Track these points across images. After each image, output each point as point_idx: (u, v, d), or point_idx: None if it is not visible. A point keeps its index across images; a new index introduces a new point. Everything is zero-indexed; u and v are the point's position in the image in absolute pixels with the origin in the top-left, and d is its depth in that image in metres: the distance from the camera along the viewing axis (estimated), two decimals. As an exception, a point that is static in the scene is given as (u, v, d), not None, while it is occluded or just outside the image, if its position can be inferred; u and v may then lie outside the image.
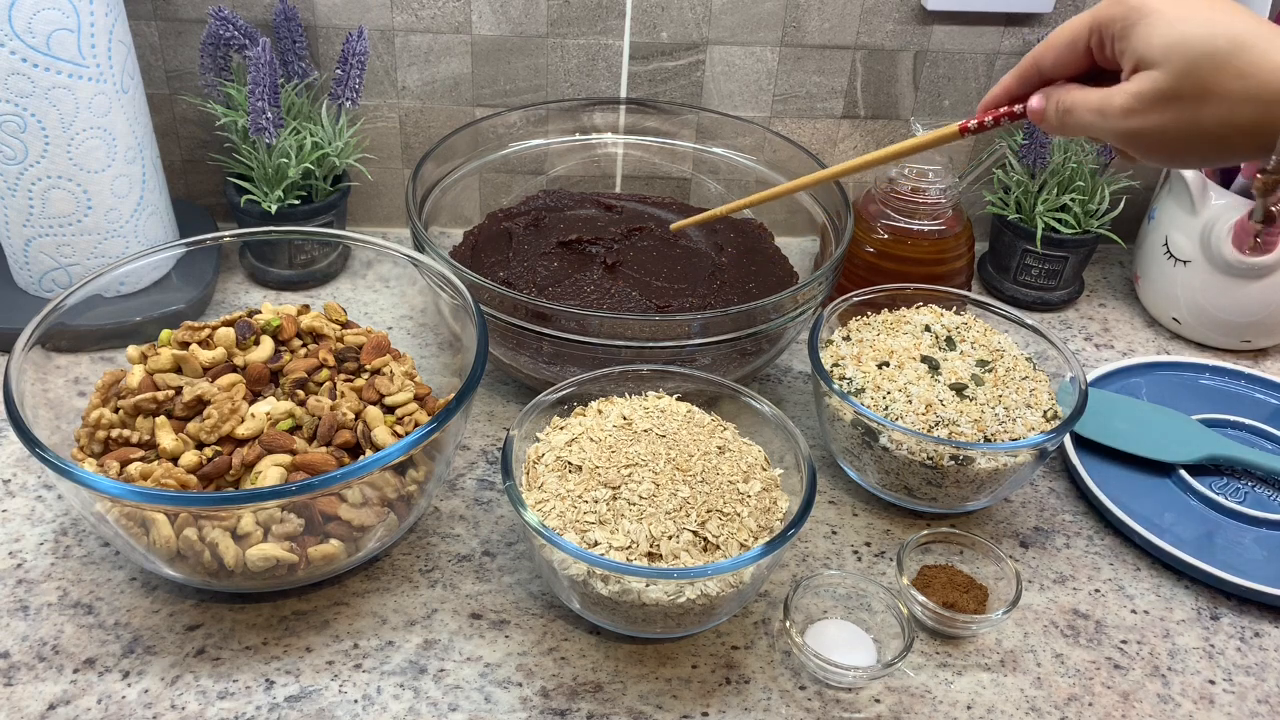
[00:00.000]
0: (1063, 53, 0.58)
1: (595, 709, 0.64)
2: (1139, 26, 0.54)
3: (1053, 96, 0.59)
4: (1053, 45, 0.58)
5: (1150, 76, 0.54)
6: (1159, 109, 0.54)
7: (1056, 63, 0.59)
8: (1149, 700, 0.67)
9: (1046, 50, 0.59)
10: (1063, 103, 0.58)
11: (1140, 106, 0.54)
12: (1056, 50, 0.58)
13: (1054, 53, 0.58)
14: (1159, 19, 0.53)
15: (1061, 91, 0.59)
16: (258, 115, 0.89)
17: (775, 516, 0.67)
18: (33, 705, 0.62)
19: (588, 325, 0.76)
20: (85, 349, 0.79)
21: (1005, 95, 0.62)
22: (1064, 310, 1.04)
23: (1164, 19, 0.53)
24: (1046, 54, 0.59)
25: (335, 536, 0.65)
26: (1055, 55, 0.58)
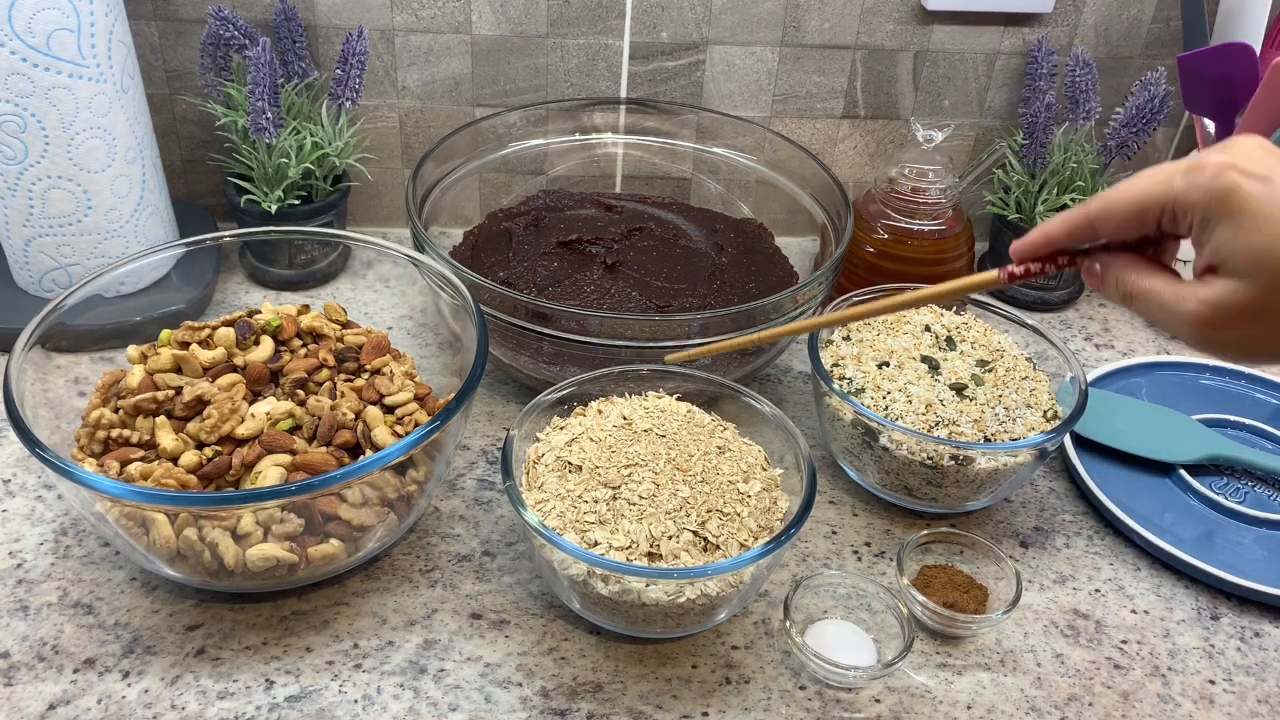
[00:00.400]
0: (1126, 223, 0.51)
1: (595, 709, 0.64)
2: (1224, 226, 0.47)
3: (1113, 271, 0.53)
4: (1115, 212, 0.51)
5: (1231, 288, 0.47)
6: (1239, 323, 0.48)
7: (1117, 230, 0.52)
8: (1149, 700, 0.67)
9: (1107, 214, 0.51)
10: (1127, 285, 0.52)
11: (1218, 319, 0.48)
12: (1119, 219, 0.51)
13: (1116, 221, 0.51)
14: (1248, 221, 0.46)
15: (1125, 270, 0.52)
16: (258, 115, 0.89)
17: (775, 516, 0.67)
18: (33, 705, 0.62)
19: (588, 325, 0.76)
20: (85, 349, 0.79)
21: (1046, 244, 0.55)
22: (1064, 310, 1.04)
23: (1253, 222, 0.46)
24: (1106, 219, 0.51)
25: (335, 536, 0.65)
26: (1117, 224, 0.51)
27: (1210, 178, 0.47)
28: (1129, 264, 0.52)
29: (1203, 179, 0.47)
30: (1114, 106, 1.02)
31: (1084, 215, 0.52)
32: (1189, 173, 0.48)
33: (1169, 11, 1.00)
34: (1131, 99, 0.95)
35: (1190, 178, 0.48)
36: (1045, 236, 0.54)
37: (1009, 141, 1.01)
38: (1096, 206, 0.52)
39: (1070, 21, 1.00)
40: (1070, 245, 0.54)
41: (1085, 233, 0.53)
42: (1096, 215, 0.52)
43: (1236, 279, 0.47)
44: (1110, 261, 0.53)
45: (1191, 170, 0.48)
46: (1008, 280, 0.56)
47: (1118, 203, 0.51)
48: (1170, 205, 0.49)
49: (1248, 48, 0.88)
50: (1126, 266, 0.52)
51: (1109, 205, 0.51)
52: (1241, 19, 0.94)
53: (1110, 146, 0.96)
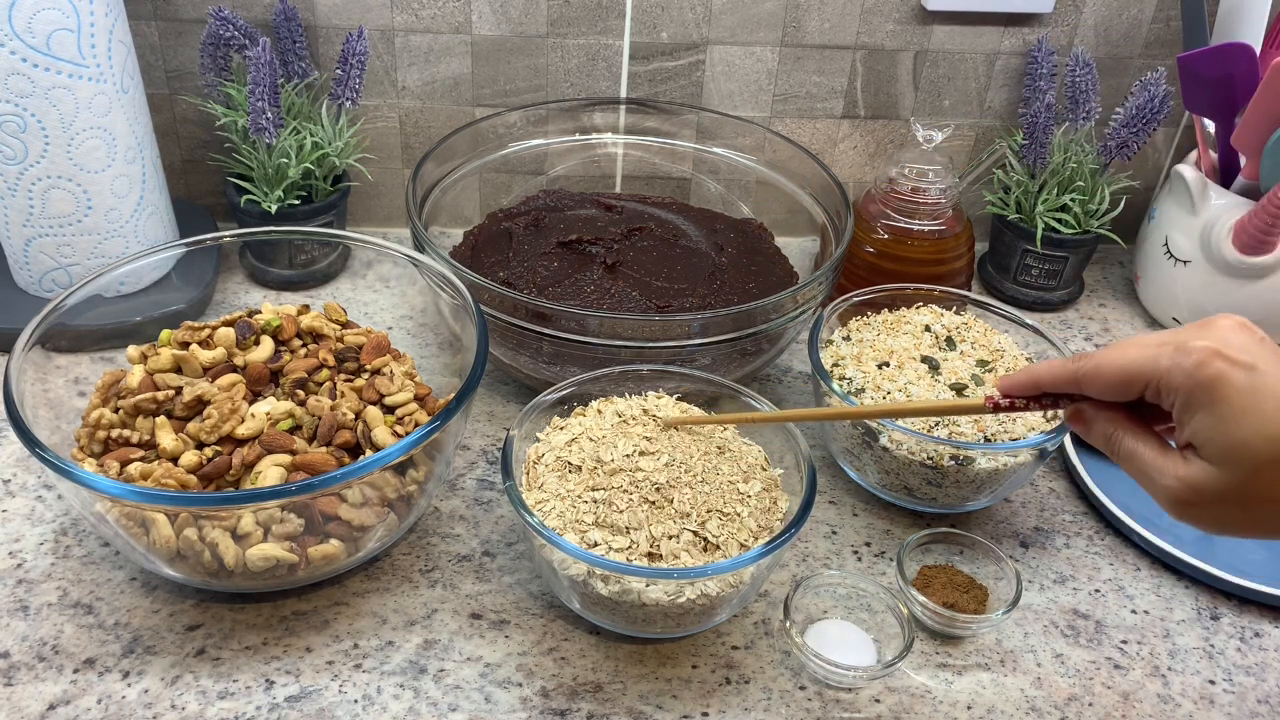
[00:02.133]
0: (1111, 389, 0.52)
1: (595, 709, 0.64)
2: (1205, 413, 0.48)
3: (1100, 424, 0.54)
4: (1101, 377, 0.52)
5: (1208, 472, 0.48)
6: (1213, 505, 0.49)
7: (1100, 394, 0.53)
8: (1149, 700, 0.67)
9: (1093, 378, 0.52)
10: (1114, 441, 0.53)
11: (1193, 499, 0.49)
12: (1104, 384, 0.52)
13: (1100, 385, 0.52)
14: (1228, 412, 0.47)
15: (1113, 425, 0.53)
16: (258, 115, 0.89)
17: (775, 516, 0.67)
18: (33, 705, 0.62)
19: (588, 325, 0.76)
20: (85, 349, 0.79)
21: (1032, 387, 0.55)
22: (1064, 310, 1.04)
23: (1233, 413, 0.47)
24: (1092, 382, 0.52)
25: (335, 536, 0.65)
26: (1101, 388, 0.52)
27: (1195, 364, 0.48)
28: (1119, 421, 0.53)
29: (1188, 363, 0.48)
30: (1114, 106, 1.02)
31: (1071, 373, 0.53)
32: (1176, 353, 0.49)
33: (1169, 11, 1.00)
34: (1131, 99, 0.95)
35: (1176, 359, 0.48)
36: (1032, 380, 0.55)
37: (1009, 141, 1.01)
38: (1085, 368, 0.52)
39: (1070, 21, 1.00)
40: (1054, 391, 0.55)
41: (1070, 387, 0.54)
42: (1083, 376, 0.53)
43: (1213, 465, 0.48)
44: (1099, 415, 0.54)
45: (1179, 351, 0.49)
46: (993, 410, 0.57)
47: (1105, 369, 0.52)
48: (1155, 382, 0.50)
49: (1248, 48, 0.88)
50: (1116, 422, 0.53)
51: (1097, 369, 0.52)
52: (1241, 19, 0.94)
53: (1110, 146, 0.96)
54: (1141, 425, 0.53)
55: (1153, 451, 0.51)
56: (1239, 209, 0.91)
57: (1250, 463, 0.47)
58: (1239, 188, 0.93)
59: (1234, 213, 0.91)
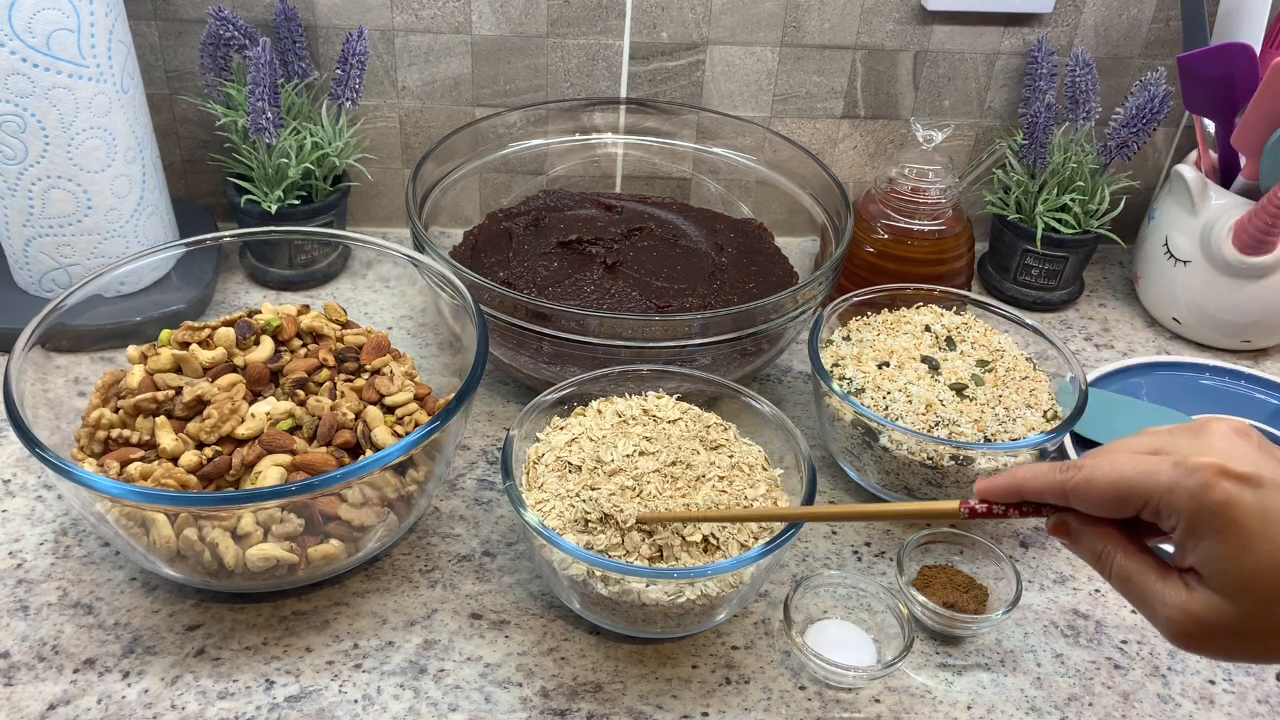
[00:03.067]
0: (1103, 504, 0.47)
1: (595, 709, 0.64)
2: (1211, 540, 0.44)
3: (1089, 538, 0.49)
4: (1094, 491, 0.47)
5: (1215, 604, 0.45)
6: (1219, 638, 0.45)
7: (1091, 509, 0.48)
8: (1149, 700, 0.67)
9: (1084, 491, 0.47)
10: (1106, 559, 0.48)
11: (1198, 632, 0.45)
12: (1097, 499, 0.47)
13: (1092, 500, 0.47)
14: (1237, 539, 0.43)
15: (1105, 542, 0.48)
16: (258, 115, 0.89)
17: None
18: (33, 705, 0.62)
19: (588, 325, 0.76)
20: (85, 349, 0.79)
21: (1015, 494, 0.50)
22: (1064, 310, 1.04)
23: (1243, 540, 0.43)
24: (1083, 496, 0.47)
25: (335, 536, 0.65)
26: (1093, 503, 0.47)
27: (1200, 485, 0.44)
28: (1110, 537, 0.48)
29: (1192, 484, 0.44)
30: (1114, 106, 1.02)
31: (1058, 484, 0.48)
32: (1177, 470, 0.44)
33: (1169, 11, 1.00)
34: (1131, 99, 0.95)
35: (1178, 478, 0.44)
36: (1015, 486, 0.50)
37: (1009, 141, 1.01)
38: (1075, 481, 0.47)
39: (1070, 21, 1.00)
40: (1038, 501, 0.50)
41: (1057, 499, 0.49)
42: (1072, 490, 0.48)
43: (1220, 596, 0.45)
44: (1086, 529, 0.49)
45: (1179, 469, 0.44)
46: (968, 515, 0.52)
47: (1097, 483, 0.47)
48: (1155, 501, 0.45)
49: (1248, 48, 0.88)
50: (1106, 538, 0.48)
51: (1088, 483, 0.47)
52: (1241, 19, 0.94)
53: (1110, 146, 0.96)
54: (1135, 542, 0.48)
55: (1151, 576, 0.47)
56: (1239, 209, 0.91)
57: (1262, 594, 0.44)
58: (1239, 188, 0.93)
59: (1234, 213, 0.91)
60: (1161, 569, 0.47)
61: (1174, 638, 0.47)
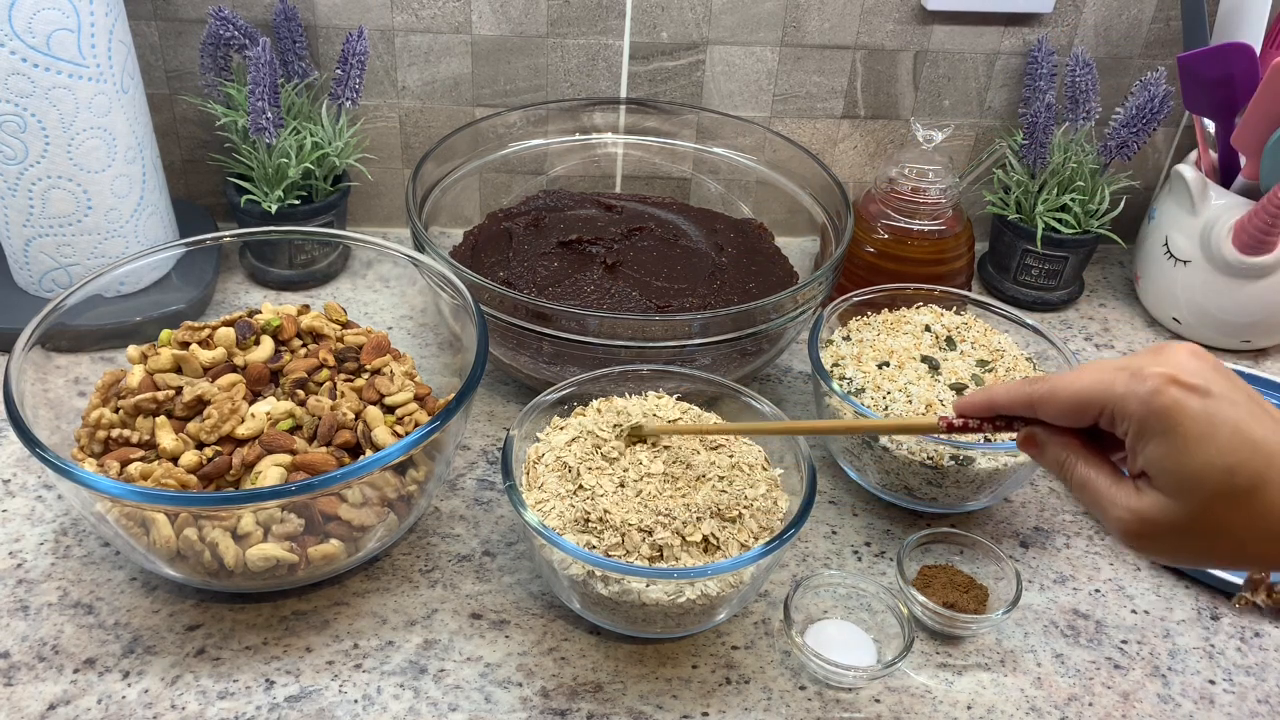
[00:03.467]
0: (1065, 413, 0.51)
1: (595, 709, 0.64)
2: (1158, 442, 0.47)
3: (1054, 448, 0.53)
4: (1056, 401, 0.51)
5: (1161, 503, 0.48)
6: (1165, 536, 0.48)
7: (1055, 418, 0.52)
8: (1149, 700, 0.67)
9: (1048, 401, 0.51)
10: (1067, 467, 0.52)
11: (1145, 530, 0.48)
12: (1059, 408, 0.51)
13: (1055, 409, 0.51)
14: (1181, 442, 0.46)
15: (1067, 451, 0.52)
16: (258, 115, 0.89)
17: (775, 516, 0.67)
18: (33, 705, 0.62)
19: (588, 325, 0.76)
20: (85, 349, 0.79)
21: (988, 408, 0.55)
22: (1064, 310, 1.04)
23: (1186, 442, 0.46)
24: (1047, 405, 0.52)
25: (335, 536, 0.65)
26: (1056, 412, 0.51)
27: (1150, 390, 0.47)
28: (1072, 446, 0.52)
29: (1143, 389, 0.47)
30: (1114, 106, 1.02)
31: (1026, 395, 0.52)
32: (1131, 379, 0.48)
33: (1169, 11, 1.00)
34: (1131, 99, 0.95)
35: (1131, 385, 0.48)
36: (988, 401, 0.55)
37: (1009, 141, 1.01)
38: (1040, 391, 0.52)
39: (1070, 21, 1.00)
40: (1009, 414, 0.54)
41: (1025, 410, 0.53)
42: (1038, 399, 0.52)
43: (1166, 495, 0.48)
44: (1052, 438, 0.53)
45: (1134, 377, 0.48)
46: (945, 429, 0.56)
47: (1060, 393, 0.51)
48: (1109, 407, 0.49)
49: (1248, 48, 0.88)
50: (1069, 448, 0.52)
51: (1052, 392, 0.51)
52: (1241, 19, 0.94)
53: (1110, 146, 0.96)
54: (1095, 452, 0.52)
55: (1105, 480, 0.50)
56: (1239, 209, 0.91)
57: (1204, 494, 0.46)
58: (1239, 188, 0.93)
59: (1234, 213, 0.91)
60: (1115, 474, 0.51)
61: (1122, 537, 0.50)
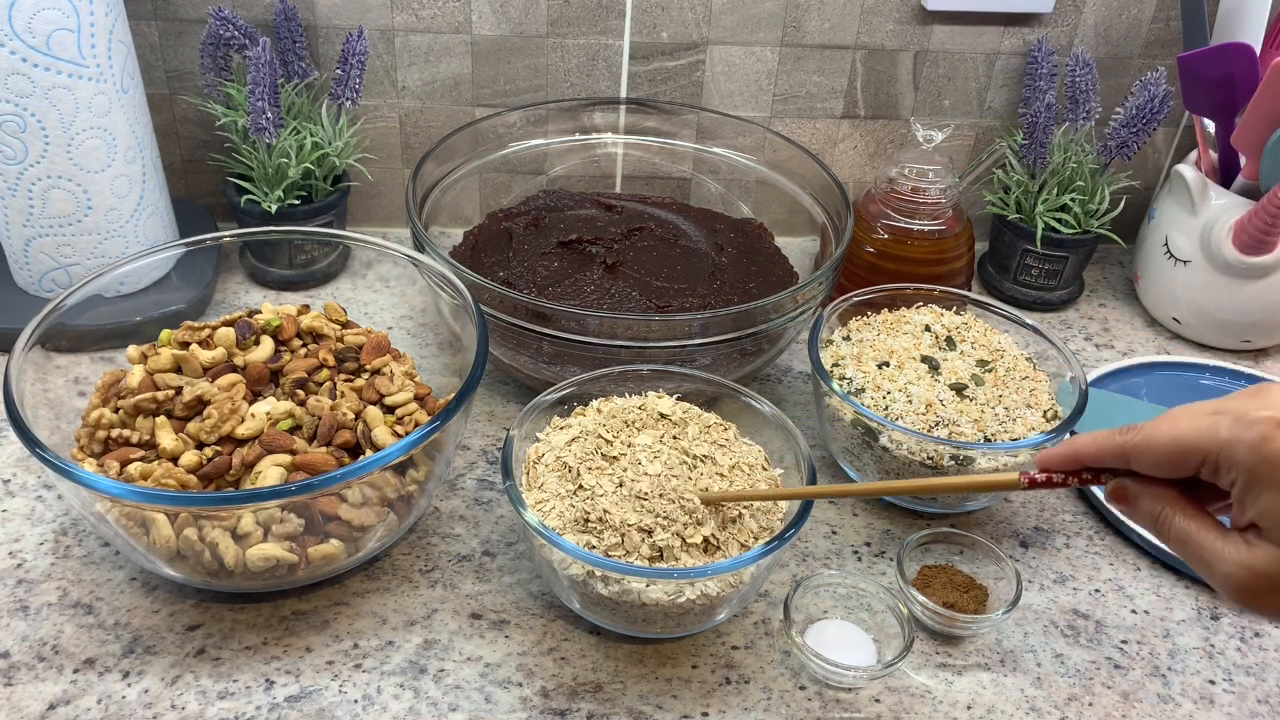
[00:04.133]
0: (1164, 463, 0.48)
1: (595, 709, 0.64)
2: (1272, 493, 0.44)
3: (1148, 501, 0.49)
4: (1153, 450, 0.48)
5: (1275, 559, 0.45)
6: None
7: (1152, 468, 0.49)
8: (1149, 700, 0.67)
9: (1144, 450, 0.48)
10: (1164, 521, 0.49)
11: (1260, 587, 0.45)
12: (1157, 458, 0.48)
13: (1152, 459, 0.48)
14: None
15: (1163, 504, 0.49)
16: (258, 115, 0.89)
17: (775, 516, 0.67)
18: (33, 705, 0.62)
19: (588, 325, 0.76)
20: (85, 349, 0.79)
21: (1073, 461, 0.51)
22: (1064, 310, 1.04)
23: None
24: (1143, 455, 0.48)
25: (335, 536, 0.65)
26: (1153, 462, 0.48)
27: (1260, 437, 0.44)
28: (1169, 499, 0.49)
29: (1251, 436, 0.44)
30: (1114, 106, 1.02)
31: (1119, 445, 0.49)
32: (1236, 424, 0.45)
33: (1169, 11, 1.00)
34: (1131, 99, 0.95)
35: (1237, 431, 0.45)
36: (1073, 454, 0.51)
37: (1009, 141, 1.01)
38: (1134, 440, 0.48)
39: (1070, 21, 1.00)
40: (1097, 466, 0.51)
41: (1117, 461, 0.50)
42: (1131, 450, 0.48)
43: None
44: (1145, 492, 0.49)
45: (1239, 423, 0.45)
46: (1027, 485, 0.53)
47: (1157, 441, 0.48)
48: (1214, 457, 0.46)
49: (1248, 48, 0.88)
50: (1165, 500, 0.49)
51: (1147, 442, 0.48)
52: (1241, 19, 0.94)
53: (1110, 146, 0.96)
54: (1194, 504, 0.48)
55: (1210, 535, 0.47)
56: (1239, 209, 0.91)
57: None
58: (1239, 188, 0.93)
59: (1234, 213, 0.91)
60: (1219, 528, 0.47)
61: (1234, 594, 0.46)
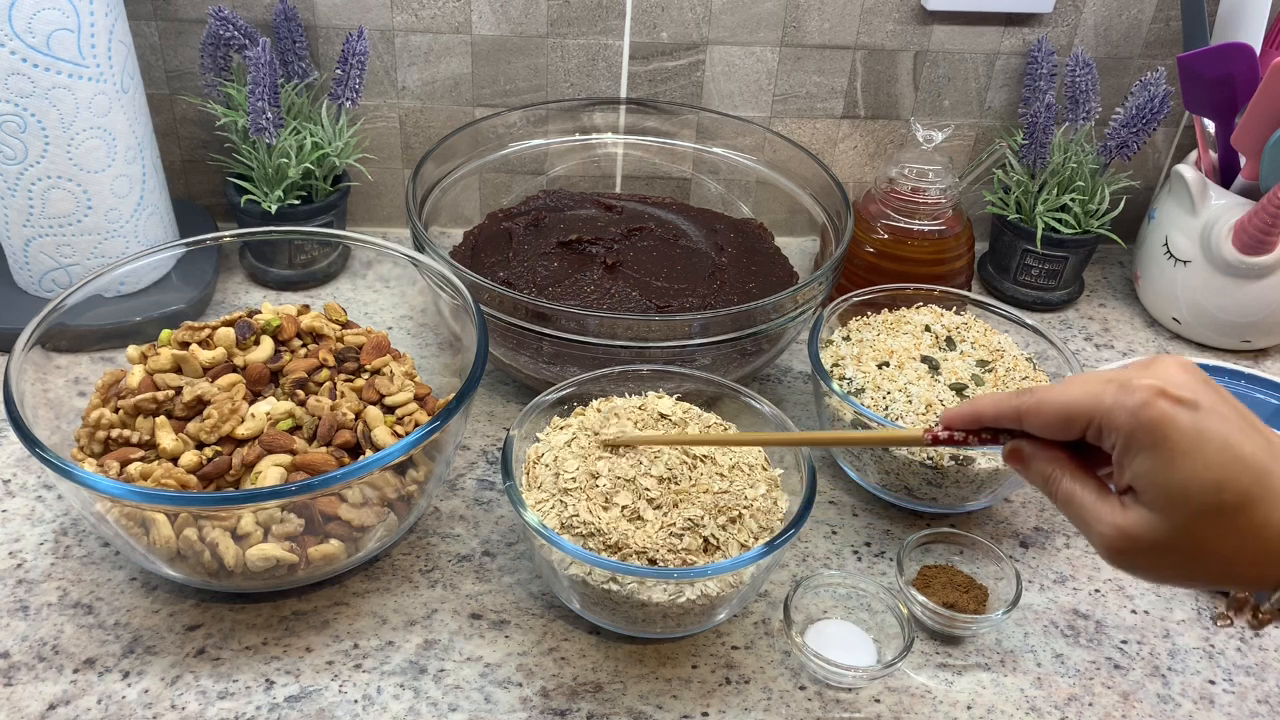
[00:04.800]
0: (1052, 425, 0.50)
1: (595, 709, 0.64)
2: (1145, 455, 0.46)
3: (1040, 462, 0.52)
4: (1043, 412, 0.50)
5: (1146, 519, 0.47)
6: (1149, 554, 0.48)
7: (1042, 430, 0.51)
8: (1149, 700, 0.67)
9: (1035, 412, 0.50)
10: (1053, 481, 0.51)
11: (1129, 547, 0.48)
12: (1046, 420, 0.50)
13: (1042, 421, 0.50)
14: (1168, 455, 0.46)
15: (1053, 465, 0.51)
16: (258, 115, 0.89)
17: (775, 516, 0.67)
18: (33, 705, 0.62)
19: (588, 325, 0.76)
20: (85, 349, 0.79)
21: (974, 420, 0.54)
22: (1064, 310, 1.04)
23: (1173, 456, 0.45)
24: (1034, 416, 0.51)
25: (335, 536, 0.65)
26: (1043, 424, 0.50)
27: (1139, 403, 0.46)
28: (1058, 460, 0.51)
29: (1131, 401, 0.46)
30: (1114, 106, 1.02)
31: (1013, 407, 0.51)
32: (1120, 391, 0.47)
33: (1169, 11, 1.00)
34: (1131, 99, 0.95)
35: (1119, 397, 0.47)
36: (974, 413, 0.53)
37: (1009, 141, 1.01)
38: (1027, 403, 0.51)
39: (1070, 21, 1.00)
40: (996, 426, 0.53)
41: (1012, 422, 0.52)
42: (1025, 411, 0.51)
43: (1152, 511, 0.47)
44: (1039, 452, 0.52)
45: (1122, 389, 0.47)
46: (930, 441, 0.55)
47: (1047, 405, 0.50)
48: (1097, 420, 0.48)
49: (1248, 48, 0.88)
50: (1055, 461, 0.51)
51: (1039, 404, 0.50)
52: (1241, 19, 0.94)
53: (1110, 146, 0.96)
54: (1082, 467, 0.51)
55: (1091, 495, 0.49)
56: (1239, 209, 0.91)
57: (1190, 509, 0.46)
58: (1239, 188, 0.93)
59: (1234, 213, 0.91)
60: (1102, 490, 0.50)
61: (1107, 553, 0.49)
